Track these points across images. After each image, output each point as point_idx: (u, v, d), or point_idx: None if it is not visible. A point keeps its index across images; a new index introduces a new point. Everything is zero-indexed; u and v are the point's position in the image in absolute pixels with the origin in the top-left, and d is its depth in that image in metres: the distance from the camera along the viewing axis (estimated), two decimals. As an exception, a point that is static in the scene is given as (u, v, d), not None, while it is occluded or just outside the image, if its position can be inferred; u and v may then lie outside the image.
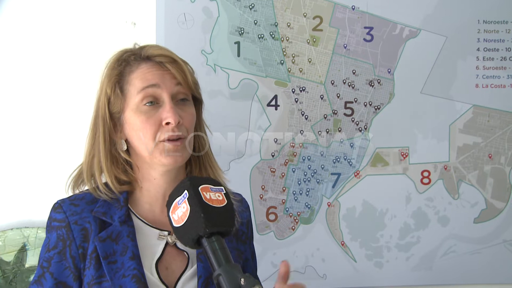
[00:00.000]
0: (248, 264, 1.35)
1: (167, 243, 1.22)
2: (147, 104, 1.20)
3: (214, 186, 1.06)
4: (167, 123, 1.19)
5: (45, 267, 1.17)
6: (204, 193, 1.02)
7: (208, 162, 1.32)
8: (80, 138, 1.32)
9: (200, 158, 1.31)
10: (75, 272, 1.17)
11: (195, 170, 1.31)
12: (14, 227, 1.71)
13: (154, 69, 1.21)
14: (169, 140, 1.19)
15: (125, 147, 1.24)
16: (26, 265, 1.68)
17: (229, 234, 1.03)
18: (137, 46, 1.28)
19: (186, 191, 1.03)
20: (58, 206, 1.21)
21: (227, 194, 1.06)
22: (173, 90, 1.21)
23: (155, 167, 1.23)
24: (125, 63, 1.23)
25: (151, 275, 1.18)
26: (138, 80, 1.20)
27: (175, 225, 1.03)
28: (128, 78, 1.22)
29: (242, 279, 0.92)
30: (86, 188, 1.27)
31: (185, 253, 1.23)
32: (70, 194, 1.27)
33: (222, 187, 1.07)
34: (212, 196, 1.03)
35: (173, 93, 1.21)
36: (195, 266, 1.22)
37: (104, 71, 1.25)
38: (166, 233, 1.23)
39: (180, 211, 1.02)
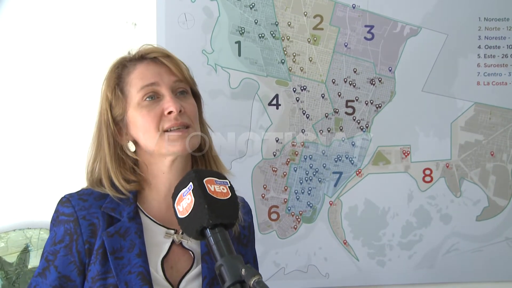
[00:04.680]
0: None
1: (173, 242, 1.23)
2: (148, 99, 1.22)
3: (219, 179, 1.07)
4: (169, 113, 1.21)
5: (50, 260, 1.18)
6: (209, 185, 1.03)
7: (213, 161, 1.33)
8: (82, 139, 1.32)
9: (205, 157, 1.32)
10: (80, 267, 1.18)
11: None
12: (16, 228, 1.71)
13: (150, 67, 1.24)
14: (172, 129, 1.20)
15: (133, 148, 1.25)
16: (29, 266, 1.68)
17: (232, 226, 1.03)
18: (132, 53, 1.31)
19: (191, 183, 1.03)
20: (67, 200, 1.22)
21: (231, 187, 1.07)
22: (171, 84, 1.24)
23: (163, 159, 1.24)
24: (121, 66, 1.27)
25: (156, 273, 1.19)
26: (138, 80, 1.23)
27: (179, 216, 1.04)
28: (127, 80, 1.25)
29: (243, 270, 0.92)
30: None
31: (191, 252, 1.23)
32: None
33: (227, 181, 1.08)
34: (217, 188, 1.04)
35: (172, 87, 1.24)
36: (199, 267, 1.23)
37: (104, 79, 1.28)
38: (172, 231, 1.24)
39: (185, 203, 1.03)
